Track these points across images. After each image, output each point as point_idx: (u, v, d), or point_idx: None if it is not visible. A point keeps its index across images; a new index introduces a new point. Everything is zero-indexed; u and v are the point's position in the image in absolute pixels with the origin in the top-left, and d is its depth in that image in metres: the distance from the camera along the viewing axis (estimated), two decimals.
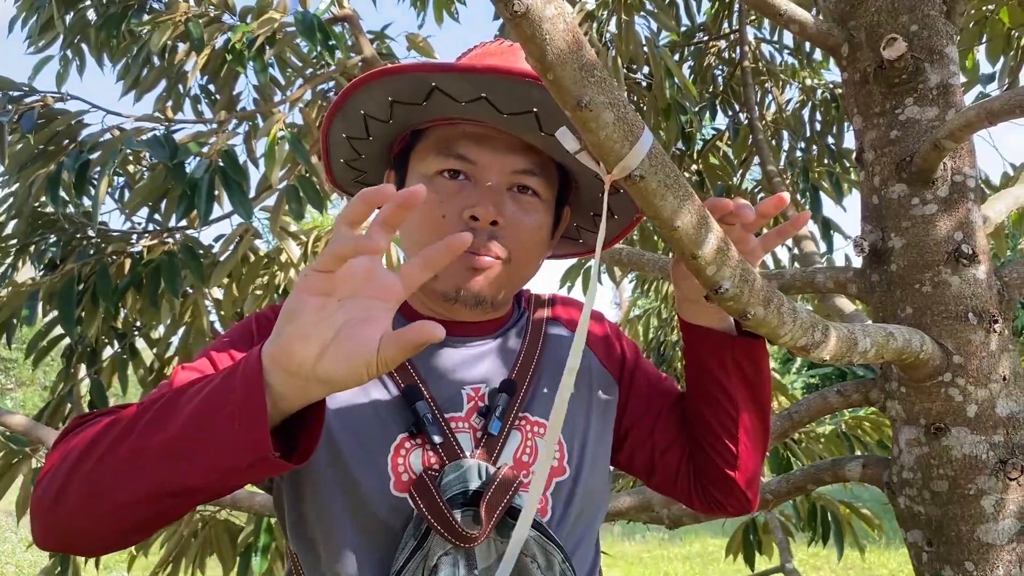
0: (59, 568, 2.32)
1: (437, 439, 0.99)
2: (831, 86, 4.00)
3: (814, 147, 3.96)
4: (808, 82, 4.09)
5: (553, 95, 0.81)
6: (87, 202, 2.54)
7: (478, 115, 1.02)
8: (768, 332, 1.09)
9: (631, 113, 0.86)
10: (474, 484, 0.96)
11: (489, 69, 0.97)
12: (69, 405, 2.60)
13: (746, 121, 3.64)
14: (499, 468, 0.98)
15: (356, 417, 1.00)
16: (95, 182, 2.34)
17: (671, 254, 1.06)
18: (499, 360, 1.09)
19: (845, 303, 2.36)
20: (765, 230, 1.67)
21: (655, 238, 4.07)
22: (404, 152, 1.10)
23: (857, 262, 1.66)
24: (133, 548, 2.74)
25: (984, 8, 3.21)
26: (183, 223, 2.73)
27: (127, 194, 3.04)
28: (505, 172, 1.03)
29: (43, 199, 2.40)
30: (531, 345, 1.12)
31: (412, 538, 0.94)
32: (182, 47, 2.89)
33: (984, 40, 3.31)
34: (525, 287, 1.18)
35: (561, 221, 1.15)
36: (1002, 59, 3.32)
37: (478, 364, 1.08)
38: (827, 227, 3.53)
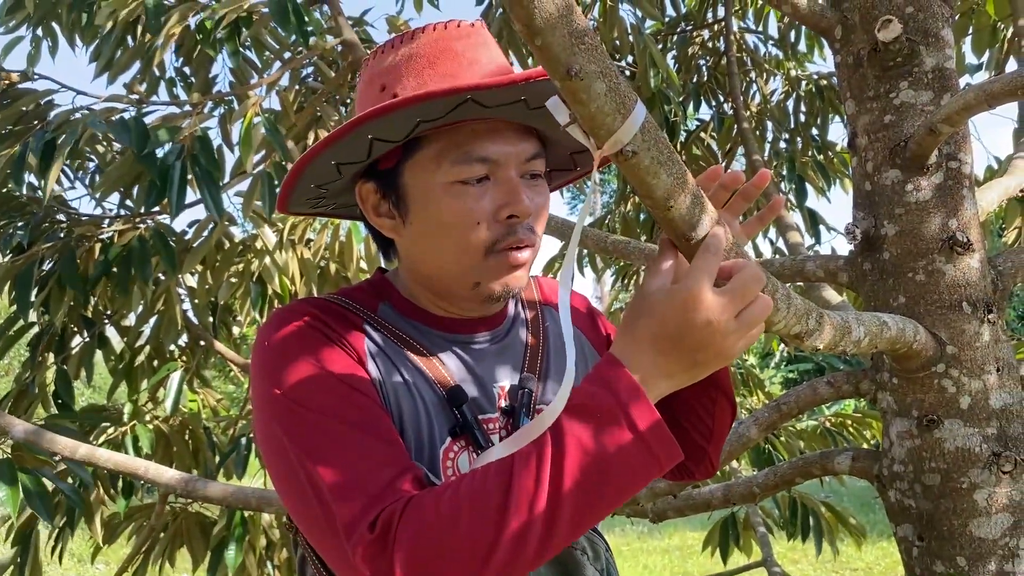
0: (19, 559, 2.24)
1: (482, 440, 1.00)
2: (815, 77, 3.97)
3: (798, 139, 3.94)
4: (793, 73, 4.06)
5: (540, 63, 0.76)
6: (57, 187, 2.46)
7: (504, 114, 0.99)
8: None
9: (623, 84, 0.81)
10: None
11: (532, 76, 0.93)
12: (35, 392, 2.51)
13: (731, 111, 3.60)
14: None
15: (414, 419, 0.99)
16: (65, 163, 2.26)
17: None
18: (510, 355, 1.10)
19: (831, 294, 2.32)
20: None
21: (637, 229, 4.02)
22: (396, 164, 1.03)
23: (847, 251, 1.62)
24: (100, 540, 2.67)
25: (971, 0, 3.19)
26: (156, 208, 2.64)
27: (98, 178, 2.96)
28: (520, 162, 1.01)
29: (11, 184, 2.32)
30: (534, 335, 1.13)
31: None
32: None
33: (970, 32, 3.30)
34: None
35: None
36: (988, 52, 3.31)
37: (496, 362, 1.08)
38: (813, 219, 3.50)
